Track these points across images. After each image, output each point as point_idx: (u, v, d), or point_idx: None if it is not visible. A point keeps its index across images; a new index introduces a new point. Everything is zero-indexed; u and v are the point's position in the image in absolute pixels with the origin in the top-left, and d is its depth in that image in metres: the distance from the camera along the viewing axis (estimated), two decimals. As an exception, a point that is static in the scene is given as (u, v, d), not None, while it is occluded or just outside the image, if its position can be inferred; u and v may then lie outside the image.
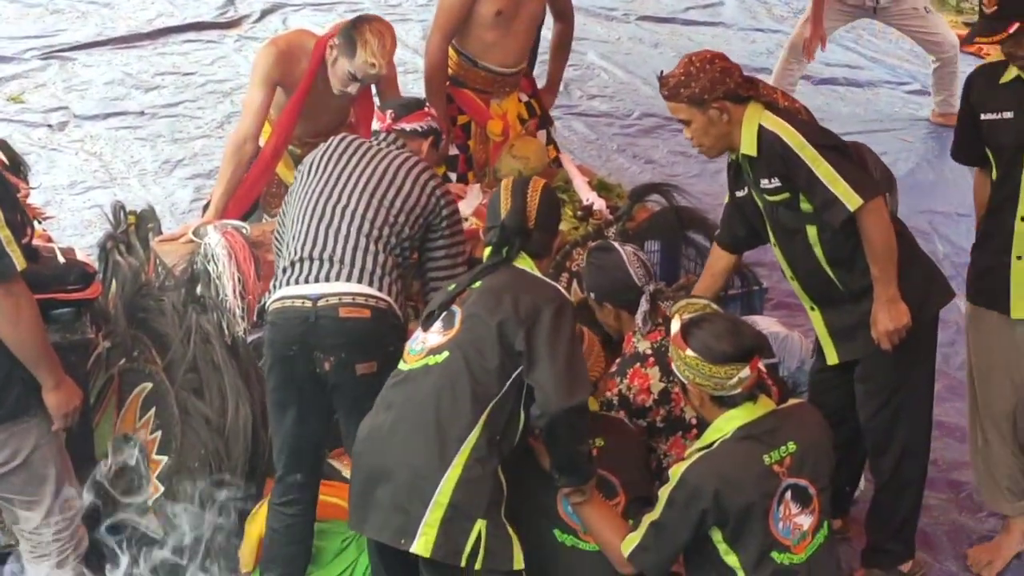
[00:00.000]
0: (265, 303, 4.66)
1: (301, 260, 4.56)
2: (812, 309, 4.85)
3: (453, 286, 4.31)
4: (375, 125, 4.97)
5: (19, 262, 4.02)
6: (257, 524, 4.87)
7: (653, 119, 9.12)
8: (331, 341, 4.41)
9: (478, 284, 4.27)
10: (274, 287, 4.63)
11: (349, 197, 4.62)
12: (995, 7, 4.51)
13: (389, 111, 4.93)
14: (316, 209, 4.64)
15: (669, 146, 8.73)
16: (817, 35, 8.48)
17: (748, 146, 4.60)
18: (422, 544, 4.01)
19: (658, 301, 4.76)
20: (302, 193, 4.74)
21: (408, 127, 4.89)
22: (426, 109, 5.00)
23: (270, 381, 4.67)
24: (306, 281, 4.51)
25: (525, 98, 6.57)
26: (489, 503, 4.07)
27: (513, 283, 4.25)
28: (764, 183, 4.64)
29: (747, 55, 10.27)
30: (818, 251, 4.67)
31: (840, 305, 4.74)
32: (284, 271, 4.62)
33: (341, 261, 4.51)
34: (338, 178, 4.69)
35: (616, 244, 4.97)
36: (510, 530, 4.12)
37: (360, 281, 4.47)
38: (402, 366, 4.25)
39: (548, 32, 6.88)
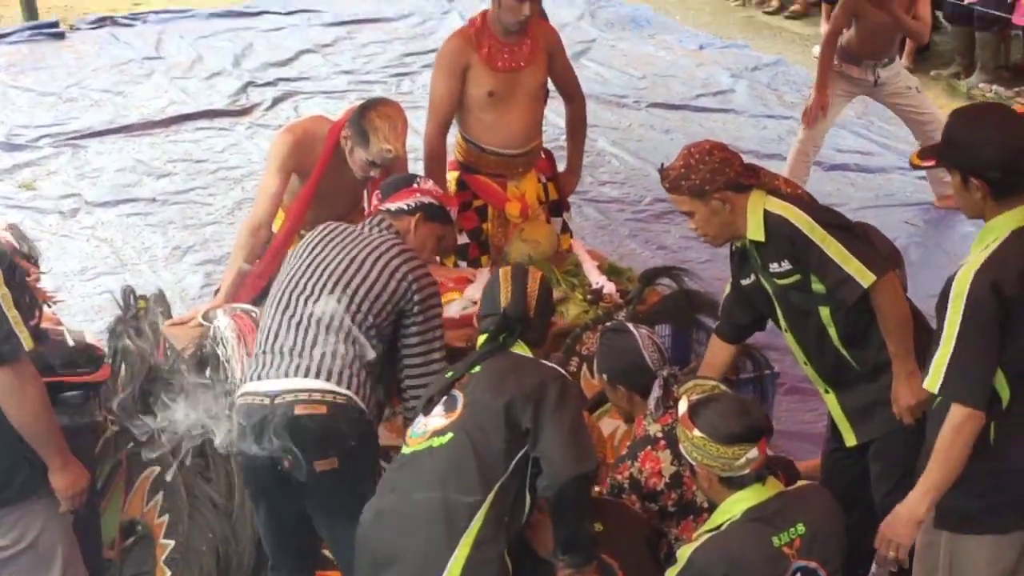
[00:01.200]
0: (234, 399, 4.65)
1: (264, 353, 4.56)
2: (827, 392, 4.85)
3: (451, 372, 4.34)
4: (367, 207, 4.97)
5: (27, 343, 4.07)
6: None
7: (664, 204, 9.11)
8: (288, 440, 4.37)
9: (478, 368, 4.29)
10: (241, 381, 4.64)
11: (313, 287, 4.60)
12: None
13: (378, 192, 4.93)
14: (283, 300, 4.65)
15: (681, 231, 8.72)
16: (819, 103, 8.59)
17: (755, 232, 4.62)
18: None
19: (671, 386, 4.77)
20: (278, 282, 4.77)
21: (393, 207, 4.86)
22: (415, 186, 4.93)
23: (243, 477, 4.71)
24: (267, 376, 4.49)
25: (544, 179, 6.58)
26: None
27: (515, 366, 4.32)
28: (773, 267, 4.66)
29: (758, 141, 10.36)
30: (832, 332, 4.68)
31: (855, 385, 4.74)
32: (251, 365, 4.63)
33: (300, 355, 4.48)
34: (307, 267, 4.68)
35: (631, 326, 4.98)
36: None
37: (318, 376, 4.43)
38: (405, 449, 4.27)
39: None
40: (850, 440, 4.82)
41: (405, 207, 4.85)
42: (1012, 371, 3.99)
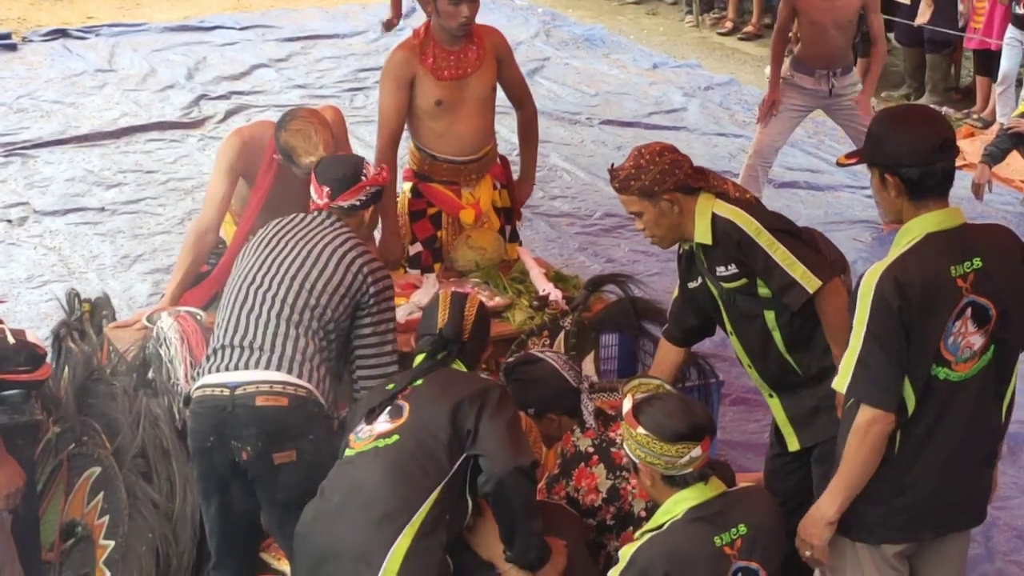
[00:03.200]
0: (190, 391, 4.63)
1: (223, 347, 4.54)
2: (771, 396, 4.84)
3: (392, 385, 4.36)
4: (313, 196, 4.91)
5: (-35, 338, 4.02)
6: None
7: (614, 219, 9.17)
8: (248, 431, 4.37)
9: (420, 382, 4.33)
10: (197, 374, 4.62)
11: (271, 281, 4.60)
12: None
13: (326, 188, 4.85)
14: (240, 294, 4.64)
15: (630, 244, 8.78)
16: (770, 99, 8.66)
17: (702, 235, 4.62)
18: None
19: (594, 395, 4.78)
20: (232, 278, 4.76)
21: (346, 204, 4.83)
22: (363, 179, 4.87)
23: (194, 471, 4.67)
24: (226, 369, 4.47)
25: (499, 185, 6.55)
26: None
27: (458, 377, 4.40)
28: (720, 270, 4.65)
29: (709, 159, 10.35)
30: (776, 336, 4.67)
31: (799, 390, 4.72)
32: (208, 358, 4.60)
33: (261, 348, 4.47)
34: (263, 262, 4.67)
35: (538, 352, 4.98)
36: None
37: (279, 368, 4.43)
38: (348, 452, 4.26)
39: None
40: (793, 445, 4.80)
41: (358, 203, 4.84)
42: (917, 381, 3.96)
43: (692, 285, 4.86)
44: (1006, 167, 9.81)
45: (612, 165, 4.72)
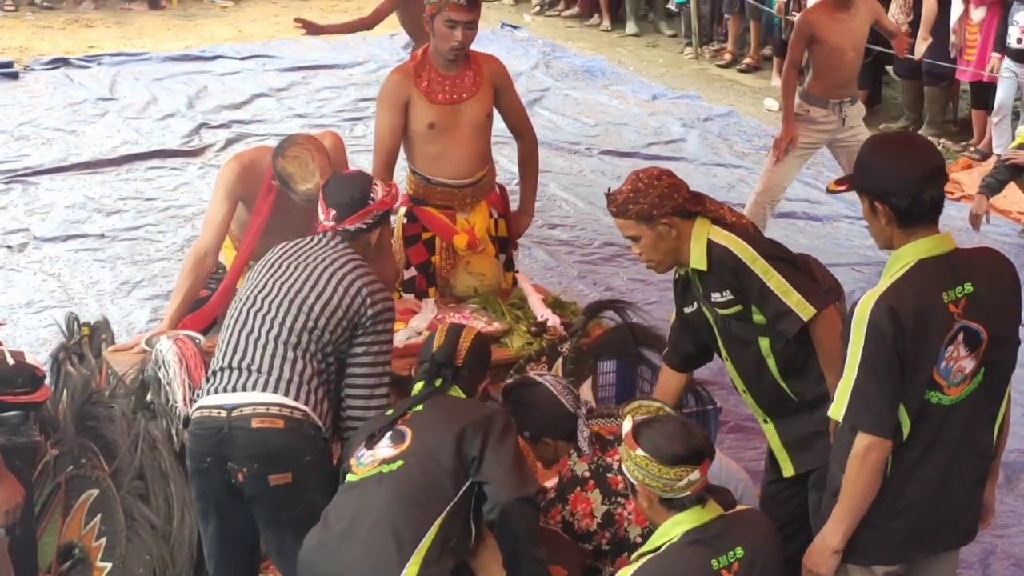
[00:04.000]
0: (189, 412, 4.63)
1: (222, 369, 4.53)
2: (765, 422, 4.82)
3: (392, 411, 4.38)
4: (320, 217, 4.89)
5: (-38, 357, 4.02)
6: None
7: (613, 248, 9.19)
8: (243, 452, 4.36)
9: (419, 407, 4.35)
10: (197, 396, 4.62)
11: (270, 305, 4.58)
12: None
13: (332, 211, 4.84)
14: (240, 317, 4.62)
15: (629, 273, 8.79)
16: (787, 134, 8.55)
17: (698, 261, 4.61)
18: None
19: (591, 420, 4.76)
20: (234, 301, 4.75)
21: (352, 227, 4.79)
22: (370, 203, 4.83)
23: (192, 491, 4.67)
24: (224, 391, 4.46)
25: (496, 215, 6.56)
26: None
27: (458, 403, 4.44)
28: (715, 297, 4.64)
29: (708, 189, 10.10)
30: (771, 363, 4.66)
31: (794, 416, 4.71)
32: (207, 380, 4.60)
33: (259, 370, 4.46)
34: (264, 285, 4.66)
35: (537, 376, 4.94)
36: None
37: (276, 391, 4.41)
38: (351, 477, 4.24)
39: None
40: (788, 471, 4.79)
41: (364, 226, 4.80)
42: (911, 406, 3.97)
43: (688, 311, 4.86)
44: (1003, 199, 9.83)
45: (609, 189, 4.72)
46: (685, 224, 4.61)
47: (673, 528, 4.08)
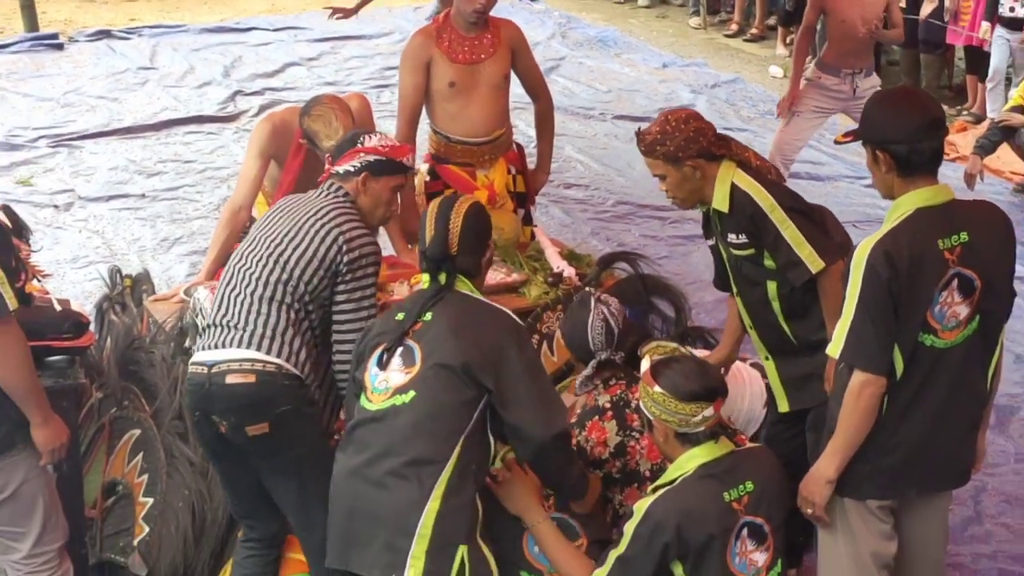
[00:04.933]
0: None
1: (209, 326, 4.48)
2: (767, 359, 4.81)
3: (402, 315, 4.16)
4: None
5: (11, 303, 4.00)
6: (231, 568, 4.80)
7: (626, 206, 9.17)
8: (221, 406, 4.30)
9: (429, 316, 4.13)
10: (193, 351, 4.58)
11: (253, 261, 4.48)
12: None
13: (328, 156, 4.78)
14: (229, 274, 4.54)
15: (641, 230, 8.78)
16: (792, 96, 8.49)
17: (720, 202, 4.59)
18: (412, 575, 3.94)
19: (608, 368, 4.69)
20: (230, 260, 4.65)
21: (341, 170, 4.66)
22: (359, 146, 4.69)
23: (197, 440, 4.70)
24: (209, 347, 4.40)
25: (514, 171, 6.52)
26: (468, 529, 4.00)
27: (465, 315, 4.14)
28: (731, 237, 4.62)
29: (715, 151, 10.33)
30: (776, 305, 4.65)
31: (794, 356, 4.69)
32: (199, 336, 4.57)
33: (235, 327, 4.38)
34: (252, 241, 4.55)
35: (592, 303, 4.77)
36: (487, 551, 4.07)
37: (249, 346, 4.33)
38: (368, 405, 4.11)
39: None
40: (783, 407, 4.78)
41: (351, 169, 4.65)
42: (906, 347, 3.94)
43: (710, 243, 4.86)
44: (996, 159, 9.76)
45: (640, 128, 4.68)
46: (710, 166, 4.57)
47: (688, 462, 4.07)
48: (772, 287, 4.62)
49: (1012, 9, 10.67)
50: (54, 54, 12.93)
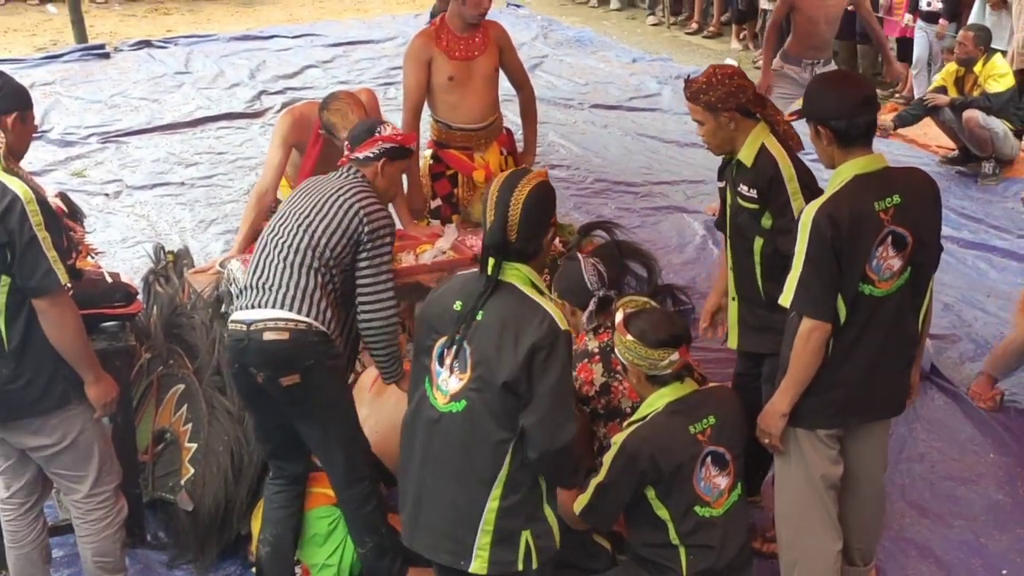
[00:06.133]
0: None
1: (246, 288, 4.45)
2: (733, 300, 4.74)
3: (459, 305, 3.71)
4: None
5: (63, 278, 3.97)
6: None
7: (603, 183, 9.16)
8: (258, 360, 4.29)
9: (480, 315, 3.68)
10: (232, 310, 4.55)
11: (284, 231, 4.46)
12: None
13: (347, 142, 4.74)
14: (262, 243, 4.52)
15: (616, 204, 8.77)
16: (765, 83, 8.40)
17: (746, 156, 4.49)
18: (478, 565, 3.74)
19: (607, 306, 4.71)
20: (262, 232, 4.62)
21: (360, 156, 4.64)
22: (376, 135, 4.65)
23: (235, 390, 4.68)
24: (246, 307, 4.39)
25: (505, 152, 6.50)
26: (529, 513, 3.76)
27: (508, 316, 3.65)
28: (742, 188, 4.51)
29: (680, 133, 10.33)
30: (756, 259, 4.58)
31: (756, 308, 4.65)
32: (237, 297, 4.55)
33: (270, 288, 4.36)
34: (282, 215, 4.53)
35: (580, 255, 4.90)
36: (550, 519, 3.82)
37: (282, 307, 4.31)
38: (433, 401, 3.77)
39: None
40: (733, 343, 4.75)
41: (371, 155, 4.63)
42: (848, 296, 3.95)
43: (719, 184, 4.77)
44: (923, 135, 9.77)
45: (688, 76, 4.61)
46: (745, 121, 4.49)
47: (657, 400, 4.08)
48: (759, 243, 4.54)
49: (929, 3, 10.74)
50: (101, 62, 12.85)
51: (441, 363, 3.76)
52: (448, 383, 3.74)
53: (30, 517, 4.44)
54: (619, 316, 4.16)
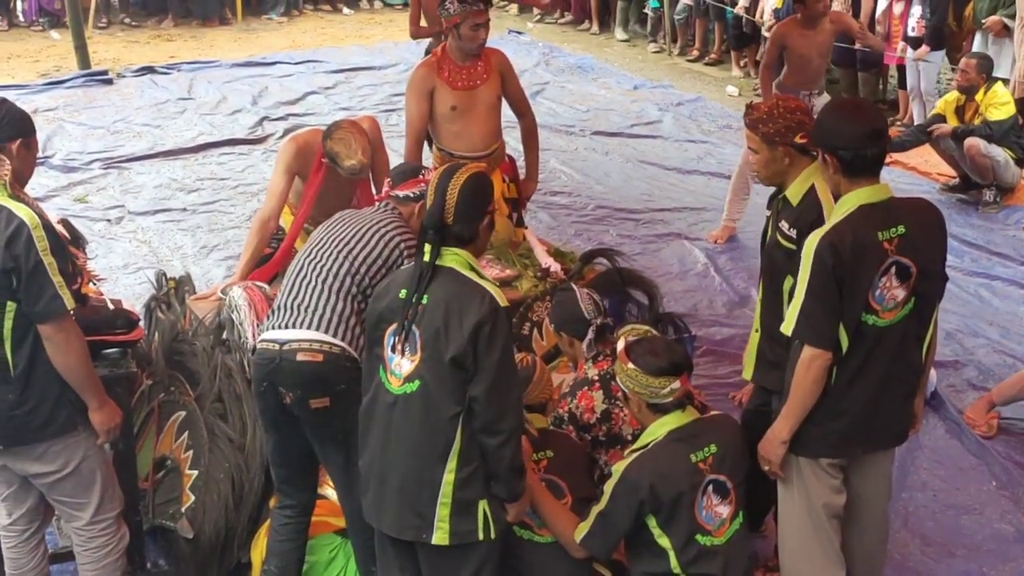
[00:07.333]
0: (256, 343, 4.58)
1: (280, 308, 4.47)
2: (756, 331, 4.68)
3: (404, 292, 3.87)
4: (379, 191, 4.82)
5: (69, 303, 3.99)
6: (265, 532, 4.80)
7: (604, 210, 9.16)
8: (290, 380, 4.29)
9: (426, 298, 3.82)
10: (262, 330, 4.56)
11: (323, 255, 4.49)
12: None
13: (388, 179, 4.81)
14: (297, 266, 4.54)
15: (617, 230, 8.77)
16: None
17: (794, 195, 4.44)
18: (440, 536, 3.86)
19: (604, 334, 4.72)
20: (298, 254, 4.67)
21: (401, 194, 4.73)
22: (420, 177, 4.77)
23: (256, 409, 4.64)
24: (280, 327, 4.40)
25: (507, 179, 6.52)
26: (484, 484, 3.89)
27: (451, 298, 3.80)
28: (783, 226, 4.43)
29: (681, 160, 10.37)
30: (784, 298, 4.46)
31: (776, 344, 4.48)
32: (269, 316, 4.55)
33: (306, 310, 4.38)
34: (320, 241, 4.57)
35: (574, 286, 4.95)
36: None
37: (318, 329, 4.33)
38: (388, 386, 3.92)
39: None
40: (747, 374, 4.71)
41: (411, 195, 4.72)
42: (850, 326, 3.94)
43: (767, 213, 4.68)
44: (924, 162, 9.78)
45: (751, 102, 4.56)
46: (799, 159, 4.43)
47: (658, 429, 4.08)
48: (788, 282, 4.43)
49: (913, 29, 10.80)
50: (104, 88, 12.87)
51: (393, 350, 3.90)
52: (401, 366, 3.88)
53: (31, 544, 4.44)
54: (620, 344, 4.18)
